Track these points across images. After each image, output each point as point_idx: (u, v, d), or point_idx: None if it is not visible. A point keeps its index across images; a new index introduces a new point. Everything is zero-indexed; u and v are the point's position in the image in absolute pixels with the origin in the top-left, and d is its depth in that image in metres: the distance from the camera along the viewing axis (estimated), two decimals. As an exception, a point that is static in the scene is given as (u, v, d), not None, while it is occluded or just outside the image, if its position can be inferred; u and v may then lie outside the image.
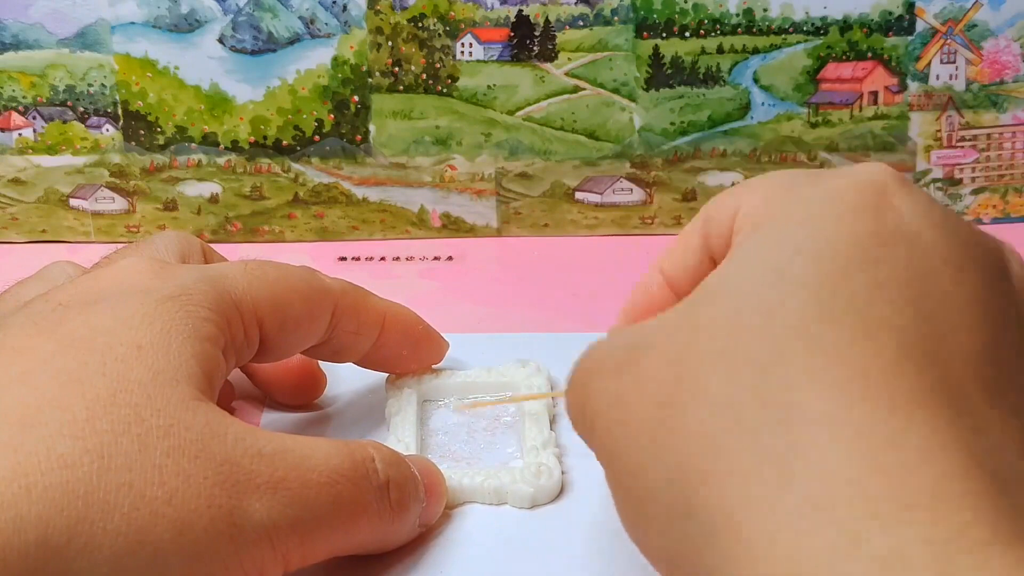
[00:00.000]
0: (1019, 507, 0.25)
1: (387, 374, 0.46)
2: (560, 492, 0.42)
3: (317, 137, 0.60)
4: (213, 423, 0.33)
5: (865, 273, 0.28)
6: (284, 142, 0.60)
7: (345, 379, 0.47)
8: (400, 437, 0.44)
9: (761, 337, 0.28)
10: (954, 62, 0.59)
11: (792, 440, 0.26)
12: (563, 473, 0.43)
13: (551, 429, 0.44)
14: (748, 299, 0.29)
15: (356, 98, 0.60)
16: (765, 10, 0.58)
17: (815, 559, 0.25)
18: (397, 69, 0.59)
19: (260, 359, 0.40)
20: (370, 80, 0.59)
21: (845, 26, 0.58)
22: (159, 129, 0.60)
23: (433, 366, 0.47)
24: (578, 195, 0.61)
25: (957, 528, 0.24)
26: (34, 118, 0.60)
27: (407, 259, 0.60)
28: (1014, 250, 0.32)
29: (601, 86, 0.59)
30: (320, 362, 0.46)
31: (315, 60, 0.59)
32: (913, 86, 0.59)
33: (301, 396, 0.46)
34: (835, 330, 0.28)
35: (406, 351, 0.45)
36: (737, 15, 0.58)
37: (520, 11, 0.58)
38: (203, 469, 0.32)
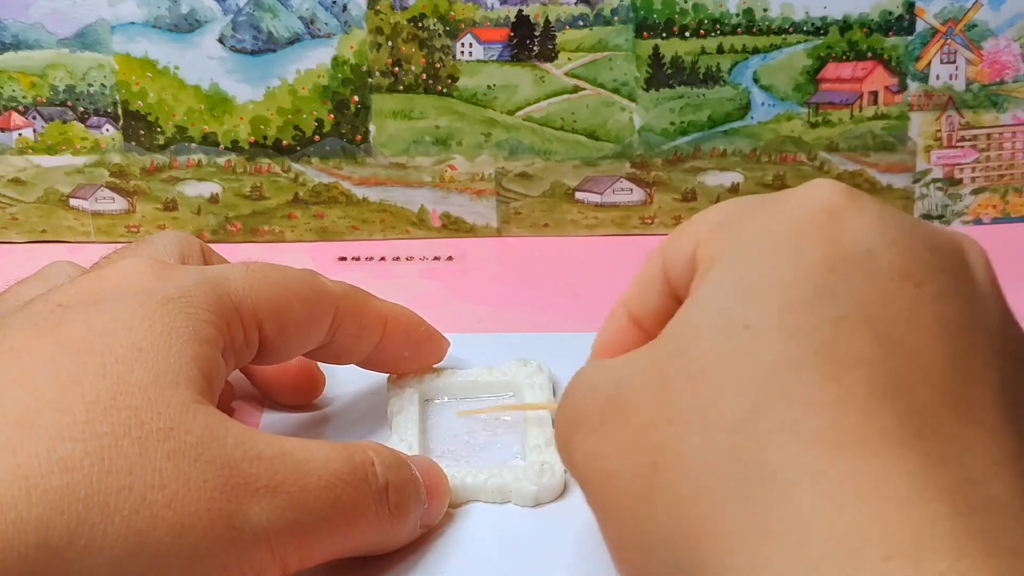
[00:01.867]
0: (999, 541, 0.25)
1: (388, 374, 0.46)
2: (563, 490, 0.42)
3: (317, 137, 0.60)
4: (213, 426, 0.33)
5: (825, 308, 0.28)
6: (284, 142, 0.60)
7: (346, 379, 0.47)
8: (402, 436, 0.44)
9: (730, 393, 0.28)
10: (954, 62, 0.59)
11: (773, 501, 0.26)
12: (566, 471, 0.43)
13: (553, 427, 0.44)
14: (713, 352, 0.29)
15: (356, 98, 0.60)
16: (765, 10, 0.58)
17: None
18: (397, 69, 0.59)
19: (260, 361, 0.40)
20: (370, 80, 0.59)
21: (845, 26, 0.58)
22: (159, 129, 0.60)
23: (434, 365, 0.47)
24: (578, 195, 0.61)
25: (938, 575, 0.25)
26: (34, 118, 0.60)
27: (407, 259, 0.60)
28: (976, 245, 0.31)
29: (601, 86, 0.59)
30: (320, 363, 0.46)
31: (315, 60, 0.59)
32: (913, 86, 0.59)
33: (300, 396, 0.46)
34: (803, 377, 0.27)
35: (407, 352, 0.45)
36: (737, 15, 0.58)
37: (520, 11, 0.58)
38: (203, 472, 0.32)
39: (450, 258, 0.60)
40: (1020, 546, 0.25)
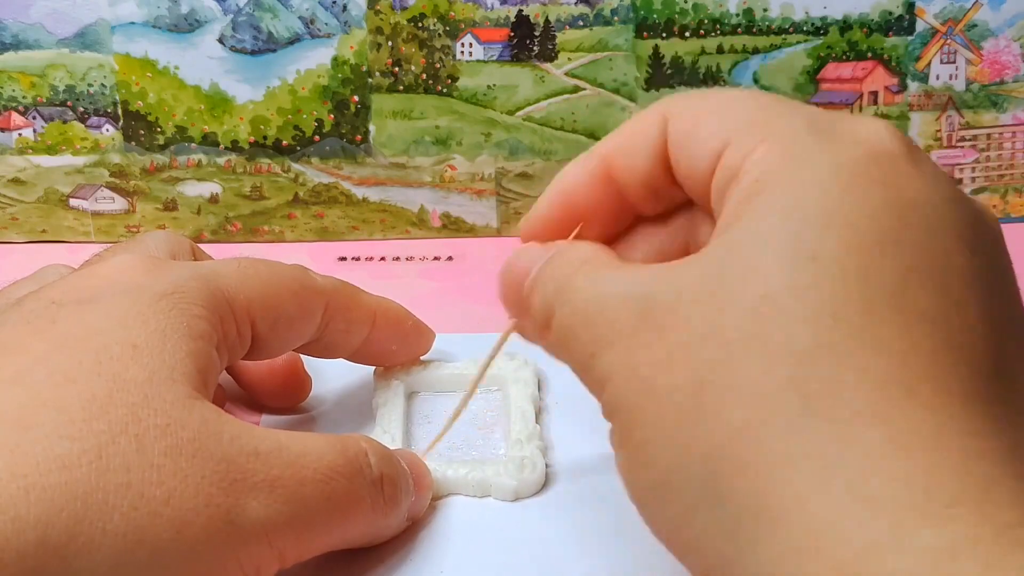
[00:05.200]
0: None
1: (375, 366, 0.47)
2: (544, 485, 0.42)
3: (317, 137, 0.60)
4: (210, 421, 0.33)
5: (894, 255, 0.28)
6: (284, 142, 0.60)
7: (332, 369, 0.47)
8: (386, 428, 0.44)
9: (796, 323, 0.27)
10: (954, 62, 0.59)
11: (836, 435, 0.26)
12: (547, 466, 0.43)
13: (536, 423, 0.44)
14: (778, 279, 0.28)
15: (356, 98, 0.60)
16: (765, 10, 0.58)
17: (862, 551, 0.25)
18: (397, 69, 0.59)
19: (251, 357, 0.40)
20: (370, 80, 0.59)
21: (845, 26, 0.58)
22: (159, 129, 0.60)
23: (421, 358, 0.47)
24: (578, 195, 0.61)
25: (1003, 527, 0.25)
26: (34, 118, 0.60)
27: (407, 259, 0.60)
28: (998, 222, 0.31)
29: (601, 86, 0.59)
30: (306, 360, 0.46)
31: (315, 60, 0.59)
32: (913, 86, 0.59)
33: (287, 399, 0.46)
34: (873, 320, 0.27)
35: (395, 346, 0.45)
36: (737, 15, 0.58)
37: (520, 11, 0.58)
38: (201, 468, 0.32)
39: (450, 258, 0.60)
40: None
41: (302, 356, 0.45)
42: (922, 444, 0.26)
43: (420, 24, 0.59)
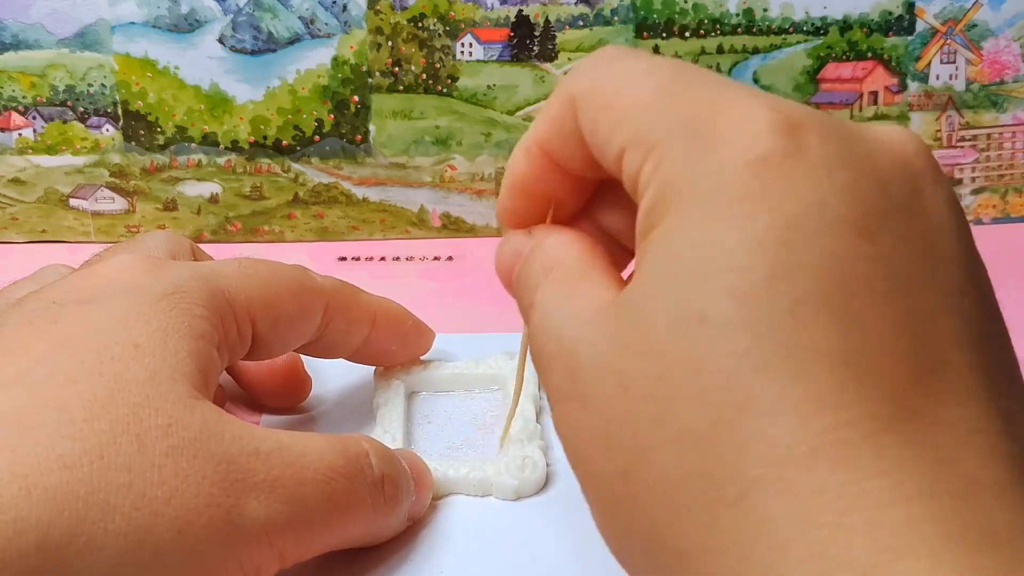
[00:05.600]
0: (977, 530, 0.24)
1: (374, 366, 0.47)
2: (545, 484, 0.42)
3: (317, 137, 0.60)
4: (211, 421, 0.33)
5: (781, 293, 0.26)
6: (284, 142, 0.60)
7: (332, 369, 0.47)
8: (387, 428, 0.44)
9: (694, 404, 0.26)
10: (954, 62, 0.59)
11: (748, 523, 0.25)
12: (548, 466, 0.43)
13: (537, 422, 0.44)
14: (671, 352, 0.27)
15: (356, 98, 0.60)
16: (765, 10, 0.58)
17: None
18: (397, 69, 0.59)
19: (251, 357, 0.40)
20: (370, 80, 0.59)
21: (845, 26, 0.58)
22: (159, 129, 0.60)
23: (421, 358, 0.47)
24: (578, 195, 0.61)
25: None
26: (34, 118, 0.60)
27: (407, 259, 0.60)
28: (920, 146, 0.28)
29: (601, 86, 0.59)
30: (306, 361, 0.46)
31: (315, 60, 0.59)
32: (913, 86, 0.59)
33: (288, 399, 0.46)
34: (767, 379, 0.26)
35: (395, 346, 0.45)
36: (737, 15, 0.58)
37: (520, 11, 0.58)
38: (202, 468, 0.32)
39: (450, 258, 0.60)
40: (997, 529, 0.25)
41: (302, 356, 0.45)
42: (830, 509, 0.25)
43: (420, 24, 0.59)
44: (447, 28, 0.59)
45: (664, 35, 0.59)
